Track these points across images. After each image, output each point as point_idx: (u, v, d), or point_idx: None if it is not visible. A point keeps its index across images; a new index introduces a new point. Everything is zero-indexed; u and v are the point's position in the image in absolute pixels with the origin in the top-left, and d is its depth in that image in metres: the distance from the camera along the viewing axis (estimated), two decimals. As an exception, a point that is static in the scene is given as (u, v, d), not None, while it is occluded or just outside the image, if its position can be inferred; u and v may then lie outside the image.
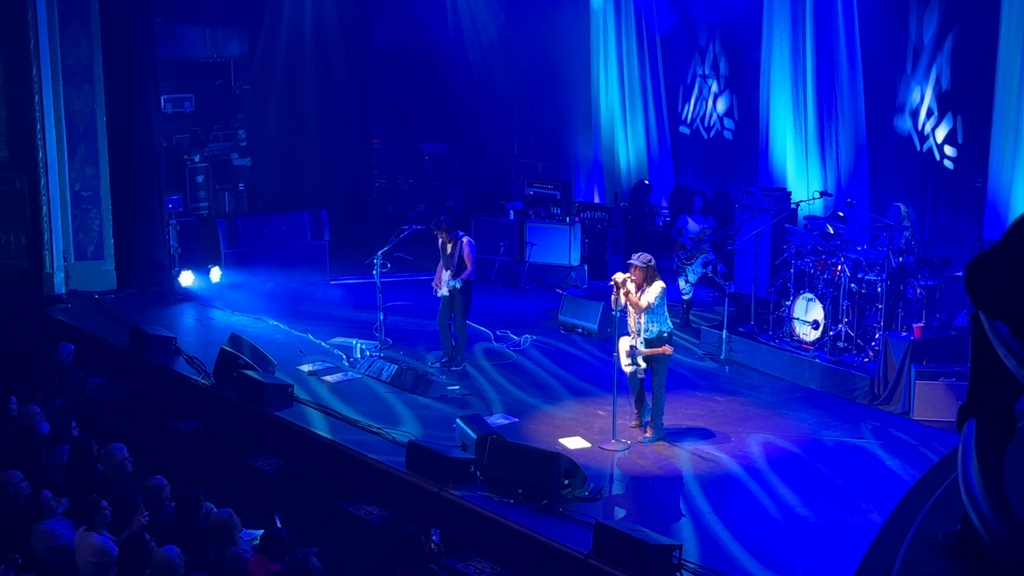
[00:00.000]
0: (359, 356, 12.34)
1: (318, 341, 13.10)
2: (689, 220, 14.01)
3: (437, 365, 12.04)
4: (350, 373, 12.05)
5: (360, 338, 12.81)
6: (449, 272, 11.82)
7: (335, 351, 12.73)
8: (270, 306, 14.53)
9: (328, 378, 11.87)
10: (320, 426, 10.60)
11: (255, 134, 17.58)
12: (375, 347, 12.44)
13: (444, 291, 11.91)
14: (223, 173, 17.29)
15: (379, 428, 10.44)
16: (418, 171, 19.08)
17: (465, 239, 11.90)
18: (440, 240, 11.97)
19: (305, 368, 12.08)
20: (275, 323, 13.84)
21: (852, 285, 11.68)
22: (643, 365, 10.05)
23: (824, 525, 8.64)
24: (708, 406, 11.21)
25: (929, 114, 13.28)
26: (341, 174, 17.68)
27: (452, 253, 11.84)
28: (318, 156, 17.52)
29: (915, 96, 13.42)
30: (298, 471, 10.20)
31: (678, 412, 10.84)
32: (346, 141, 17.64)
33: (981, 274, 3.41)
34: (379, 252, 12.23)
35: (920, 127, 13.41)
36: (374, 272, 12.26)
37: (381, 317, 12.43)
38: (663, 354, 10.01)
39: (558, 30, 17.90)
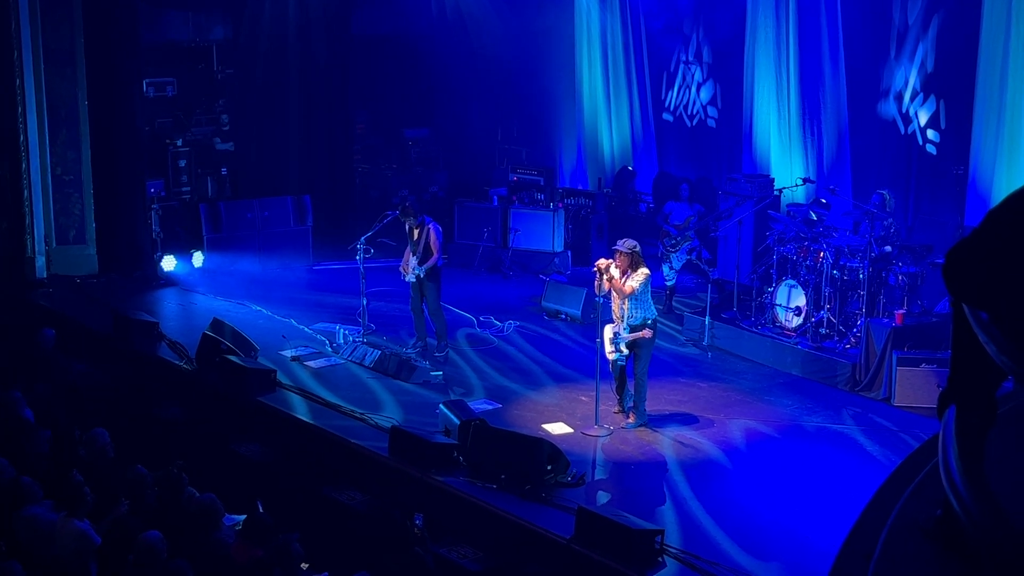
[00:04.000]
0: (342, 341, 12.33)
1: (301, 326, 13.08)
2: (675, 207, 14.00)
3: (412, 352, 12.03)
4: (333, 358, 12.03)
5: (343, 323, 12.80)
6: (415, 259, 11.81)
7: (318, 336, 12.71)
8: (252, 291, 14.48)
9: (311, 363, 11.85)
10: (303, 411, 10.59)
11: (238, 119, 17.48)
12: (358, 332, 12.42)
13: (411, 277, 11.90)
14: (205, 158, 17.20)
15: (362, 414, 10.43)
16: (401, 156, 19.01)
17: (431, 225, 11.87)
18: (407, 226, 11.95)
19: (288, 353, 12.06)
20: (258, 308, 13.81)
21: (834, 272, 11.71)
22: (626, 352, 10.07)
23: (805, 510, 8.67)
24: (690, 392, 11.23)
25: (914, 95, 13.29)
26: (324, 159, 17.60)
27: (419, 239, 11.82)
28: (301, 141, 17.44)
29: (899, 79, 13.42)
30: (281, 456, 10.18)
31: (661, 398, 10.87)
32: (329, 126, 17.56)
33: (961, 263, 3.41)
34: (362, 237, 12.19)
35: (904, 109, 13.42)
36: (357, 257, 12.22)
37: (364, 303, 12.41)
38: (646, 339, 10.02)
39: (542, 16, 17.85)
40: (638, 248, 10.06)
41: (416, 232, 11.86)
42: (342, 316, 13.31)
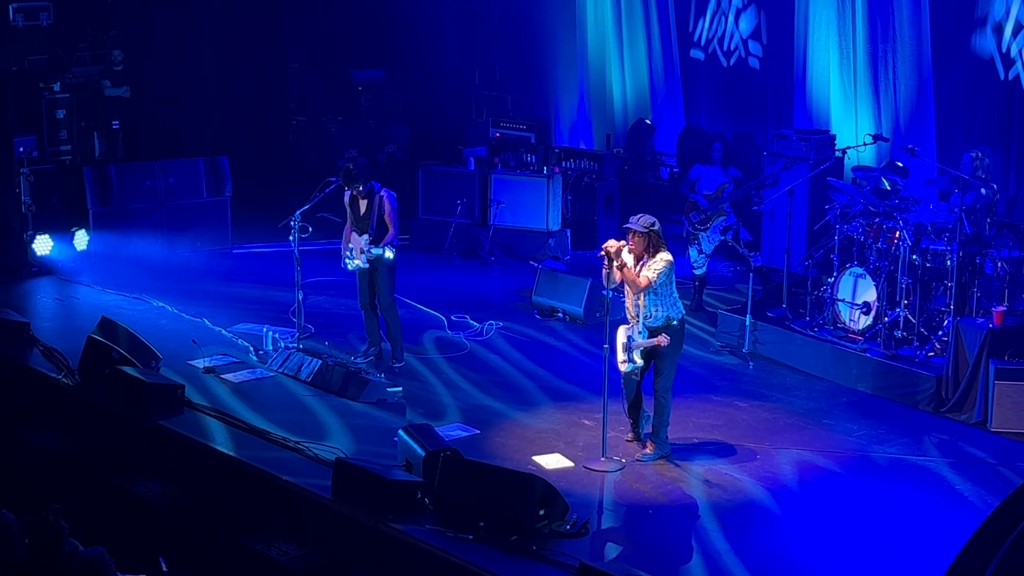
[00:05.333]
0: (271, 348, 12.31)
1: (217, 328, 13.06)
2: (705, 172, 14.00)
3: (363, 361, 12.02)
4: (259, 370, 12.02)
5: (272, 325, 12.77)
6: (367, 237, 11.77)
7: (239, 341, 12.69)
8: (153, 282, 14.45)
9: (230, 376, 11.84)
10: (219, 439, 10.57)
11: (135, 56, 17.41)
12: (291, 336, 12.41)
13: (358, 262, 11.84)
14: (92, 107, 17.12)
15: (297, 442, 10.42)
16: (349, 106, 18.96)
17: (384, 193, 11.86)
18: (348, 196, 11.91)
19: (200, 363, 12.04)
20: (160, 304, 13.78)
21: (914, 257, 11.74)
22: (640, 361, 10.07)
23: (875, 567, 8.70)
24: (726, 414, 11.25)
25: (1017, 28, 13.32)
26: (247, 109, 17.54)
27: (369, 212, 11.79)
28: (217, 86, 17.37)
29: (999, 6, 13.44)
30: (190, 498, 10.16)
31: (688, 421, 10.88)
32: (254, 66, 17.50)
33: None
34: (297, 212, 12.17)
35: (1005, 47, 13.45)
36: (291, 238, 12.20)
37: (299, 297, 12.39)
38: (665, 345, 9.99)
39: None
40: (657, 226, 10.05)
41: (364, 203, 11.84)
42: (271, 315, 13.28)
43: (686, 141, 17.01)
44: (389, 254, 11.81)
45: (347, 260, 12.01)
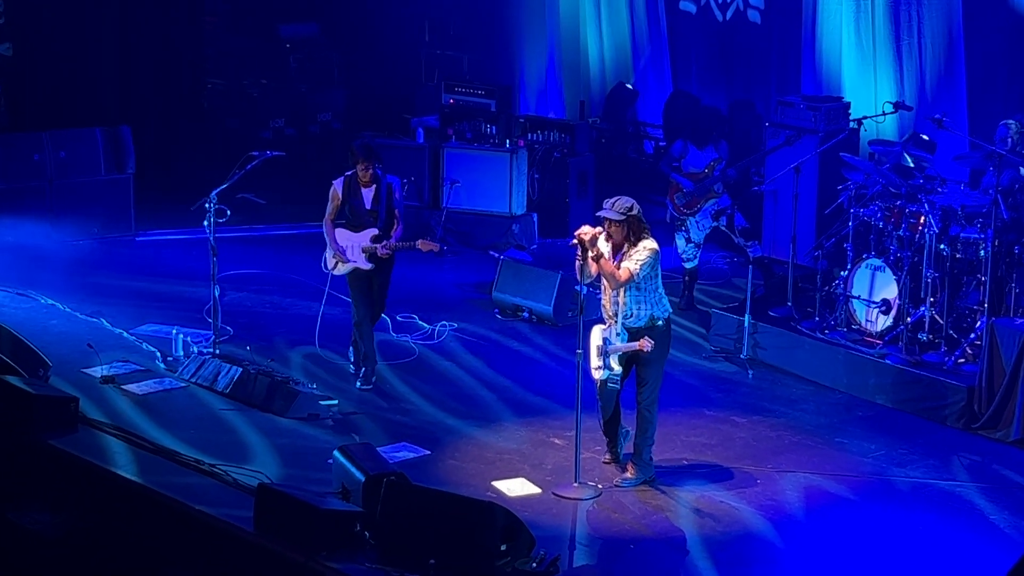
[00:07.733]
0: (182, 353, 12.31)
1: (117, 330, 13.03)
2: (691, 146, 13.99)
3: (365, 388, 11.90)
4: (168, 380, 12.00)
5: (182, 326, 12.76)
6: (372, 232, 11.64)
7: (144, 345, 12.67)
8: (41, 275, 14.41)
9: (133, 387, 11.81)
10: (121, 462, 10.53)
11: (19, 6, 17.34)
12: (206, 340, 12.39)
13: (355, 265, 11.72)
14: (-33, 67, 17.08)
15: (213, 465, 10.40)
16: (275, 67, 18.94)
17: (392, 179, 11.84)
18: (341, 183, 11.76)
19: (97, 372, 12.01)
20: (50, 302, 13.73)
21: (941, 246, 11.79)
22: (618, 368, 10.07)
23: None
24: (721, 431, 11.29)
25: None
26: (154, 70, 17.47)
27: (378, 203, 11.68)
28: (119, 42, 17.31)
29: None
30: (86, 531, 10.13)
31: (676, 440, 10.92)
32: (163, 18, 17.43)
33: None
34: (213, 192, 12.13)
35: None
36: (205, 223, 12.16)
37: (216, 293, 12.35)
38: (647, 351, 10.00)
39: None
40: (636, 209, 9.98)
41: (371, 192, 11.72)
42: (181, 314, 13.26)
43: (675, 109, 17.04)
44: (438, 248, 11.82)
45: (333, 262, 11.80)
